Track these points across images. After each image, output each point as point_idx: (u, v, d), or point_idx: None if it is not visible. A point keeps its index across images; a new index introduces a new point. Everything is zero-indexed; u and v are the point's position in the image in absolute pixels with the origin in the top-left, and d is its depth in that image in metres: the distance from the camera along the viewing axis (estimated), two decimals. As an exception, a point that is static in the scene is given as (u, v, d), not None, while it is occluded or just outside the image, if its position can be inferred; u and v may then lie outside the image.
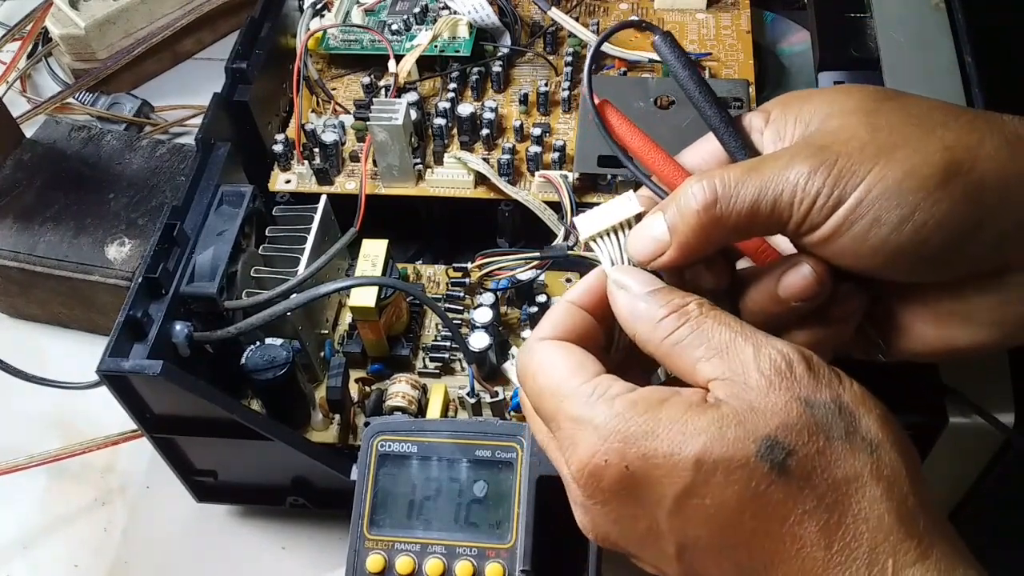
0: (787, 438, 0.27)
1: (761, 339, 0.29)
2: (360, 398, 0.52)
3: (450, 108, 0.58)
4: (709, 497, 0.27)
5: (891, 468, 0.27)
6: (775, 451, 0.27)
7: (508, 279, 0.53)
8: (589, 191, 0.55)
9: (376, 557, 0.43)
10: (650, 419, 0.28)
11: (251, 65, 0.57)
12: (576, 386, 0.30)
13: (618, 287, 0.32)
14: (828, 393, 0.28)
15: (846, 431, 0.27)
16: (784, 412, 0.27)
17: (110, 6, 0.76)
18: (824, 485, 0.27)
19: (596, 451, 0.29)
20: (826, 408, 0.28)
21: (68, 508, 0.59)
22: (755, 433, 0.27)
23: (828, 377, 0.29)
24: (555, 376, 0.31)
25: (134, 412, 0.47)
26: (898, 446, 0.28)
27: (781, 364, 0.28)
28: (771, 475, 0.27)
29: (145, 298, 0.47)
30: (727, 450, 0.27)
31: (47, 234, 0.62)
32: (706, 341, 0.29)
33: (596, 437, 0.29)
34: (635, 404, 0.29)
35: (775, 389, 0.28)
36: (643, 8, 0.65)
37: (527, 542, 0.42)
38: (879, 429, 0.28)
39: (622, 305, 0.32)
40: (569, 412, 0.30)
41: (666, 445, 0.28)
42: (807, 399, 0.28)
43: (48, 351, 0.65)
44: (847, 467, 0.27)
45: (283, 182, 0.58)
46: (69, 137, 0.68)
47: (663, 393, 0.29)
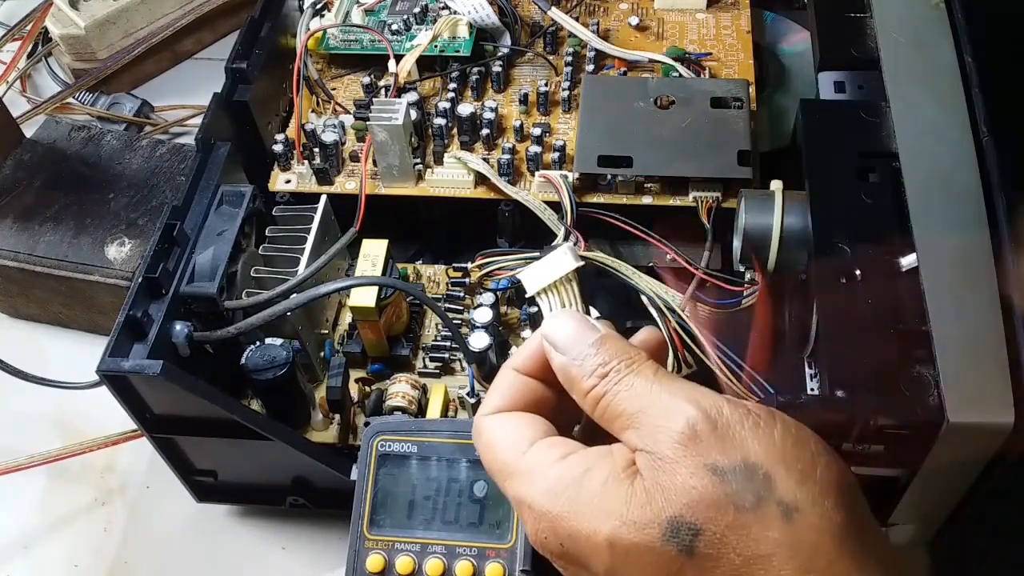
0: (694, 516, 0.26)
1: (666, 400, 0.28)
2: (360, 398, 0.52)
3: (450, 108, 0.58)
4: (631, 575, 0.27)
5: (811, 535, 0.26)
6: (681, 533, 0.26)
7: (508, 279, 0.53)
8: (589, 191, 0.55)
9: (376, 557, 0.43)
10: (572, 496, 0.28)
11: (251, 65, 0.57)
12: (514, 461, 0.30)
13: (550, 348, 0.31)
14: (738, 454, 0.27)
15: (758, 499, 0.26)
16: (691, 487, 0.26)
17: (110, 6, 0.76)
18: (738, 559, 0.26)
19: (536, 529, 0.30)
20: (735, 473, 0.26)
21: (68, 508, 0.59)
22: (660, 515, 0.27)
23: (738, 433, 0.27)
24: (498, 454, 0.31)
25: (134, 412, 0.47)
26: (821, 504, 0.26)
27: (684, 429, 0.27)
28: (680, 557, 0.26)
29: (145, 298, 0.47)
30: (634, 535, 0.27)
31: (47, 234, 0.62)
32: (624, 409, 0.29)
33: (532, 517, 0.29)
34: (560, 478, 0.29)
35: (683, 459, 0.27)
36: (643, 8, 0.65)
37: (527, 542, 0.42)
38: (797, 489, 0.26)
39: (557, 368, 0.31)
40: (512, 493, 0.30)
41: (585, 525, 0.28)
42: (714, 466, 0.27)
43: (48, 351, 0.65)
44: (759, 541, 0.26)
45: (283, 182, 0.58)
46: (69, 137, 0.68)
47: (591, 459, 0.29)
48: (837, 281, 0.43)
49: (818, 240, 0.44)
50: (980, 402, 0.39)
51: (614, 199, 0.55)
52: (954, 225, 0.43)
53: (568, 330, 0.31)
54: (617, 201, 0.55)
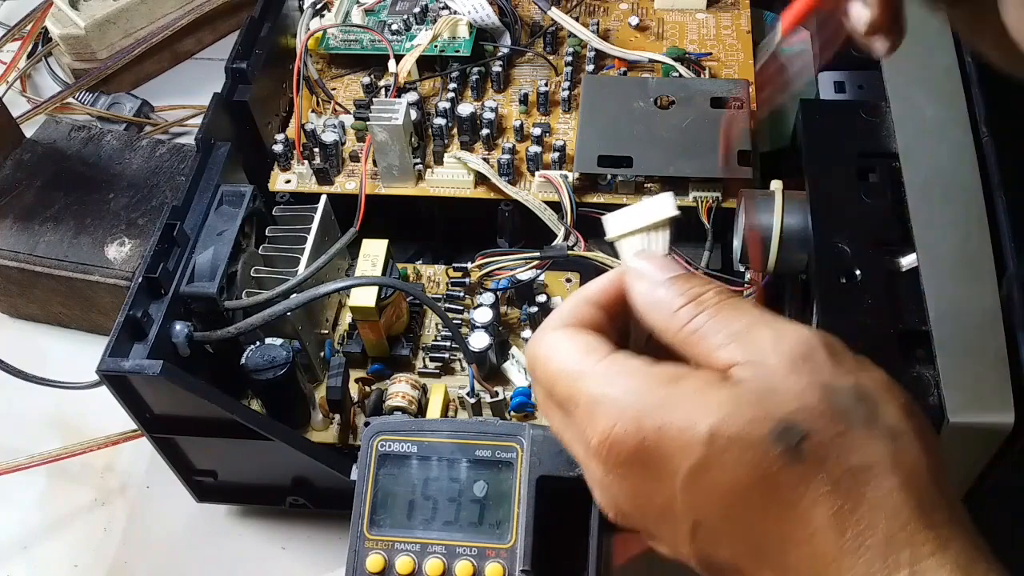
0: (804, 421, 0.26)
1: (782, 325, 0.28)
2: (360, 398, 0.52)
3: (450, 108, 0.58)
4: (721, 473, 0.27)
5: (912, 458, 0.27)
6: (790, 434, 0.26)
7: (508, 279, 0.53)
8: (589, 191, 0.55)
9: (376, 557, 0.43)
10: (669, 391, 0.28)
11: (251, 65, 0.57)
12: (591, 365, 0.29)
13: (637, 275, 0.31)
14: (850, 379, 0.27)
15: (867, 418, 0.27)
16: (803, 396, 0.27)
17: (110, 6, 0.76)
18: (839, 471, 0.26)
19: (614, 423, 0.28)
20: (847, 394, 0.27)
21: (68, 508, 0.59)
22: (772, 413, 0.27)
23: (851, 364, 0.28)
24: (568, 359, 0.30)
25: (134, 412, 0.47)
26: (921, 437, 0.27)
27: (803, 349, 0.28)
28: (784, 457, 0.26)
29: (145, 298, 0.47)
30: (741, 428, 0.27)
31: (47, 234, 0.62)
32: (724, 328, 0.29)
33: (615, 409, 0.28)
34: (654, 376, 0.28)
35: (796, 373, 0.27)
36: (643, 8, 0.65)
37: (527, 542, 0.42)
38: (902, 418, 0.27)
39: (639, 294, 0.31)
40: (586, 391, 0.29)
41: (681, 418, 0.27)
42: (828, 384, 0.27)
43: (48, 351, 0.65)
44: (865, 454, 0.26)
45: (283, 182, 0.58)
46: (69, 137, 0.68)
47: (683, 369, 0.28)
48: (837, 281, 0.43)
49: (818, 240, 0.44)
50: (980, 402, 0.39)
51: (614, 199, 0.55)
52: (954, 225, 0.43)
53: (655, 262, 0.31)
54: (617, 201, 0.55)
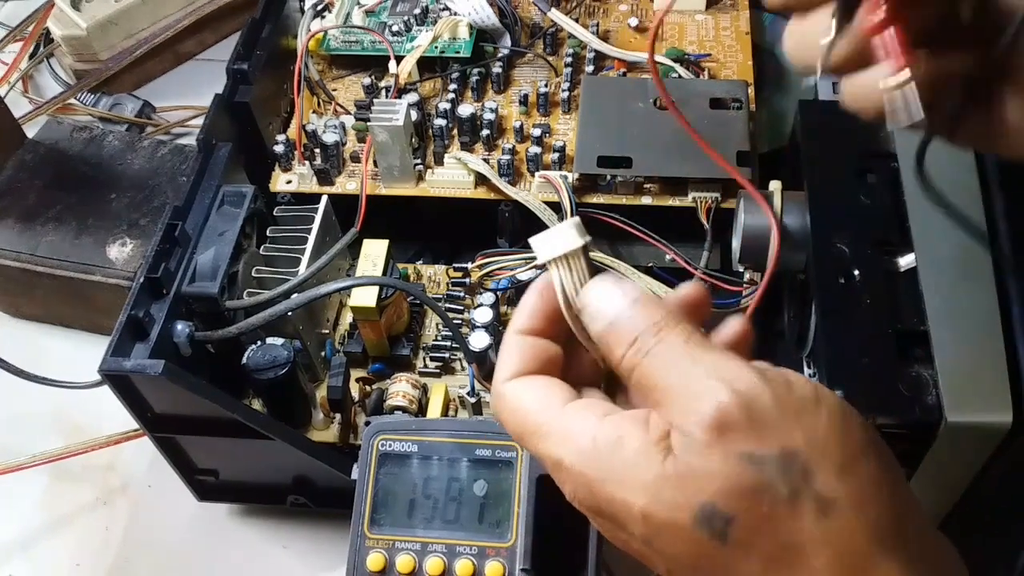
0: (726, 505, 0.26)
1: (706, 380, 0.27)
2: (361, 397, 0.52)
3: (450, 109, 0.58)
4: (665, 548, 0.27)
5: (846, 530, 0.25)
6: (713, 520, 0.26)
7: (508, 279, 0.53)
8: (589, 191, 0.55)
9: (377, 556, 0.43)
10: (606, 462, 0.28)
11: (252, 66, 0.57)
12: (548, 421, 0.29)
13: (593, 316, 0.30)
14: (775, 446, 0.26)
15: (792, 491, 0.25)
16: (724, 474, 0.26)
17: (112, 7, 0.77)
18: (770, 547, 0.26)
19: (573, 489, 0.29)
20: (770, 465, 0.26)
21: (70, 507, 0.59)
22: (692, 500, 0.26)
23: (777, 421, 0.26)
24: (529, 416, 0.30)
25: (136, 412, 0.47)
26: (860, 497, 0.26)
27: (717, 415, 0.26)
28: (712, 542, 0.26)
29: (147, 298, 0.47)
30: (666, 514, 0.26)
31: (49, 234, 0.63)
32: (656, 382, 0.28)
33: (568, 478, 0.29)
34: (595, 441, 0.28)
35: (716, 444, 0.26)
36: (643, 9, 0.66)
37: (527, 541, 0.42)
38: (837, 483, 0.26)
39: (597, 337, 0.30)
40: (547, 453, 0.29)
41: (620, 496, 0.27)
42: (751, 455, 0.26)
43: (50, 351, 0.66)
44: (793, 532, 0.25)
45: (284, 182, 0.58)
46: (71, 138, 0.69)
47: (625, 426, 0.28)
48: (836, 281, 0.43)
49: (817, 240, 0.44)
50: (978, 402, 0.39)
51: (614, 199, 0.55)
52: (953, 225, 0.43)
53: (606, 295, 0.30)
54: (617, 201, 0.55)
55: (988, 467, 0.41)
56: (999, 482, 0.42)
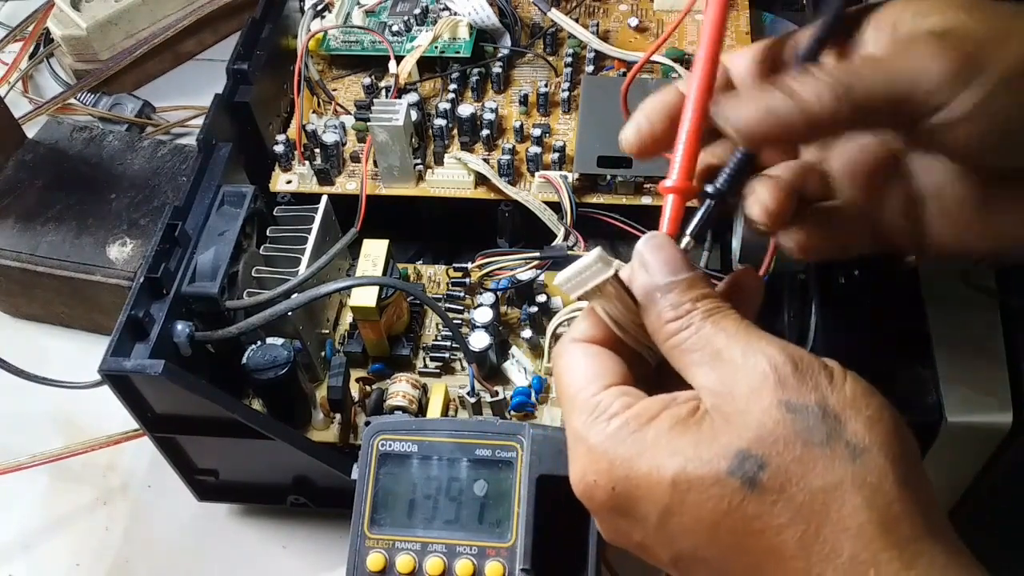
0: (761, 450, 0.27)
1: (754, 343, 0.29)
2: (361, 397, 0.52)
3: (450, 109, 0.58)
4: (688, 515, 0.28)
5: (875, 474, 0.27)
6: (746, 465, 0.27)
7: (508, 279, 0.53)
8: (589, 191, 0.55)
9: (377, 556, 0.43)
10: (637, 439, 0.29)
11: (252, 66, 0.57)
12: (584, 399, 0.31)
13: (640, 266, 0.31)
14: (813, 396, 0.28)
15: (828, 436, 0.27)
16: (761, 421, 0.27)
17: (112, 7, 0.77)
18: (800, 495, 0.26)
19: (586, 471, 0.30)
20: (808, 412, 0.27)
21: (70, 507, 0.59)
22: (728, 448, 0.27)
23: (816, 379, 0.28)
24: (571, 385, 0.31)
25: (136, 411, 0.47)
26: (887, 449, 0.27)
27: (766, 368, 0.28)
28: (743, 490, 0.27)
29: (147, 298, 0.47)
30: (700, 469, 0.27)
31: (49, 234, 0.63)
32: (702, 347, 0.29)
33: (587, 457, 0.30)
34: (627, 424, 0.29)
35: (757, 395, 0.28)
36: (643, 9, 0.66)
37: (527, 541, 0.42)
38: (866, 432, 0.27)
39: (639, 287, 0.31)
40: (572, 426, 0.31)
41: (647, 466, 0.28)
42: (788, 403, 0.27)
43: (50, 351, 0.66)
44: (825, 475, 0.27)
45: (284, 182, 0.58)
46: (71, 138, 0.69)
47: (656, 407, 0.29)
48: (836, 281, 0.43)
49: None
50: (978, 402, 0.39)
51: (614, 199, 0.55)
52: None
53: (662, 255, 0.31)
54: (617, 201, 0.55)
55: (988, 467, 0.41)
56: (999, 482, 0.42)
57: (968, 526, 0.45)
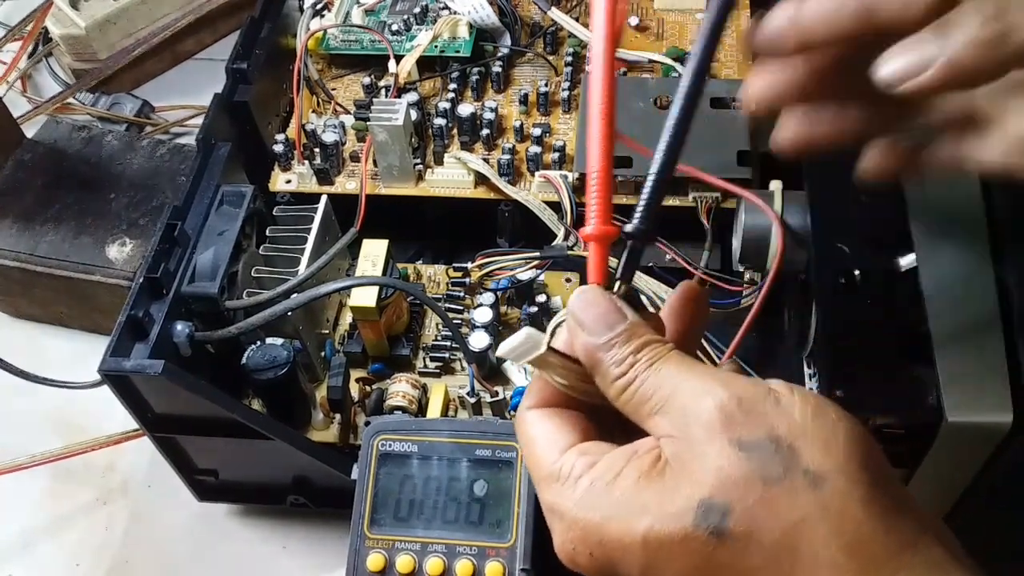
0: (723, 496, 0.26)
1: (698, 384, 0.28)
2: (360, 397, 0.52)
3: (450, 108, 0.58)
4: (666, 570, 0.27)
5: (838, 499, 0.26)
6: (711, 516, 0.26)
7: (508, 279, 0.53)
8: (589, 191, 0.55)
9: (377, 556, 0.43)
10: (604, 501, 0.28)
11: (251, 65, 0.57)
12: (547, 468, 0.30)
13: (577, 326, 0.31)
14: (763, 429, 0.27)
15: (785, 469, 0.26)
16: (718, 465, 0.27)
17: (110, 6, 0.76)
18: (769, 536, 0.26)
19: (564, 540, 0.29)
20: (761, 448, 0.27)
21: (69, 507, 0.59)
22: (691, 500, 0.27)
23: (763, 409, 0.27)
24: (532, 456, 0.31)
25: (135, 412, 0.47)
26: (847, 469, 0.27)
27: (712, 408, 0.27)
28: (712, 541, 0.26)
29: (146, 298, 0.47)
30: (668, 526, 0.27)
31: (48, 234, 0.62)
32: (651, 396, 0.29)
33: (562, 527, 0.29)
34: (592, 485, 0.29)
35: (709, 438, 0.27)
36: (643, 8, 0.66)
37: (527, 541, 0.42)
38: (823, 457, 0.27)
39: (580, 349, 0.31)
40: (542, 497, 0.31)
41: (617, 530, 0.28)
42: (740, 441, 0.27)
43: (49, 351, 0.66)
44: (790, 511, 0.26)
45: (284, 182, 0.58)
46: (70, 137, 0.69)
47: (619, 462, 0.29)
48: (836, 281, 0.43)
49: (817, 240, 0.44)
50: (978, 402, 0.39)
51: (614, 199, 0.55)
52: (954, 224, 0.43)
53: (596, 311, 0.31)
54: (617, 201, 0.54)
55: (988, 467, 0.41)
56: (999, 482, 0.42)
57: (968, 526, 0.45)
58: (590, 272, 0.32)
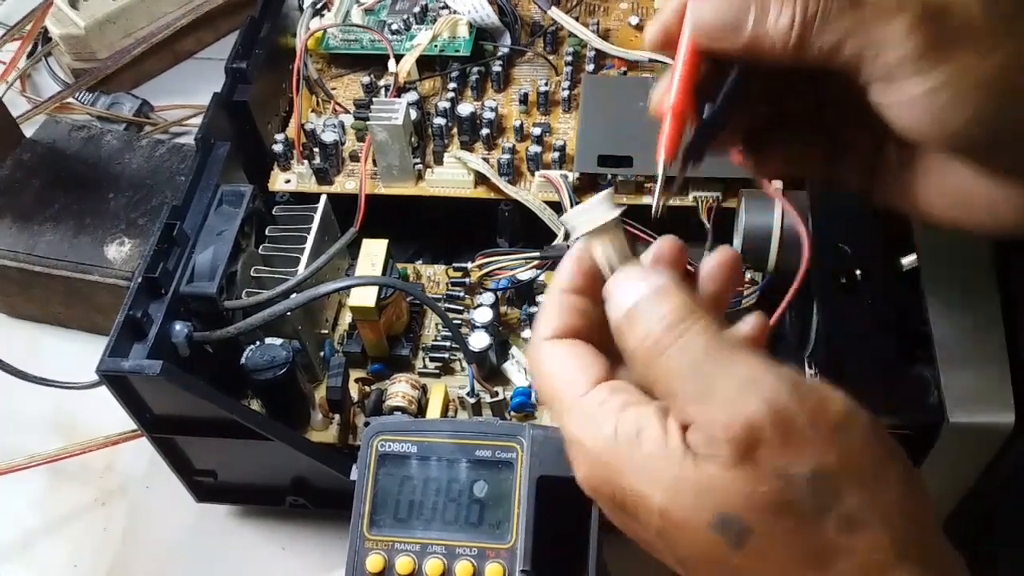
0: (748, 517, 0.26)
1: (736, 388, 0.26)
2: (360, 398, 0.52)
3: (450, 108, 0.58)
4: (680, 540, 0.27)
5: (871, 543, 0.25)
6: (731, 527, 0.26)
7: (508, 279, 0.53)
8: (589, 191, 0.55)
9: (376, 557, 0.43)
10: (626, 455, 0.28)
11: (251, 65, 0.57)
12: (573, 400, 0.29)
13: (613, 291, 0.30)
14: (807, 465, 0.25)
15: (821, 510, 0.25)
16: (749, 491, 0.25)
17: (110, 5, 0.76)
18: (787, 557, 0.26)
19: (587, 475, 0.29)
20: (800, 484, 0.25)
21: (68, 508, 0.59)
22: (713, 506, 0.26)
23: (812, 438, 0.25)
24: (557, 384, 0.30)
25: (134, 412, 0.47)
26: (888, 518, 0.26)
27: (754, 427, 0.25)
28: (728, 548, 0.26)
29: (145, 298, 0.47)
30: (684, 515, 0.26)
31: (47, 234, 0.62)
32: (676, 380, 0.27)
33: (586, 462, 0.29)
34: (616, 434, 0.28)
35: (745, 460, 0.25)
36: (643, 8, 0.65)
37: (527, 542, 0.42)
38: (867, 504, 0.25)
39: (613, 318, 0.29)
40: (568, 429, 0.30)
41: (638, 486, 0.27)
42: (781, 472, 0.25)
43: (48, 351, 0.65)
44: (813, 545, 0.25)
45: (283, 182, 0.58)
46: (69, 137, 0.68)
47: (644, 420, 0.28)
48: (837, 281, 0.43)
49: (819, 240, 0.44)
50: (980, 402, 0.39)
51: (614, 199, 0.55)
52: (954, 224, 0.43)
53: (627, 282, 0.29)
54: (617, 201, 0.54)
55: (991, 468, 0.41)
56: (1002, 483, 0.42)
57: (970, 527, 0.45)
58: (661, 146, 0.31)
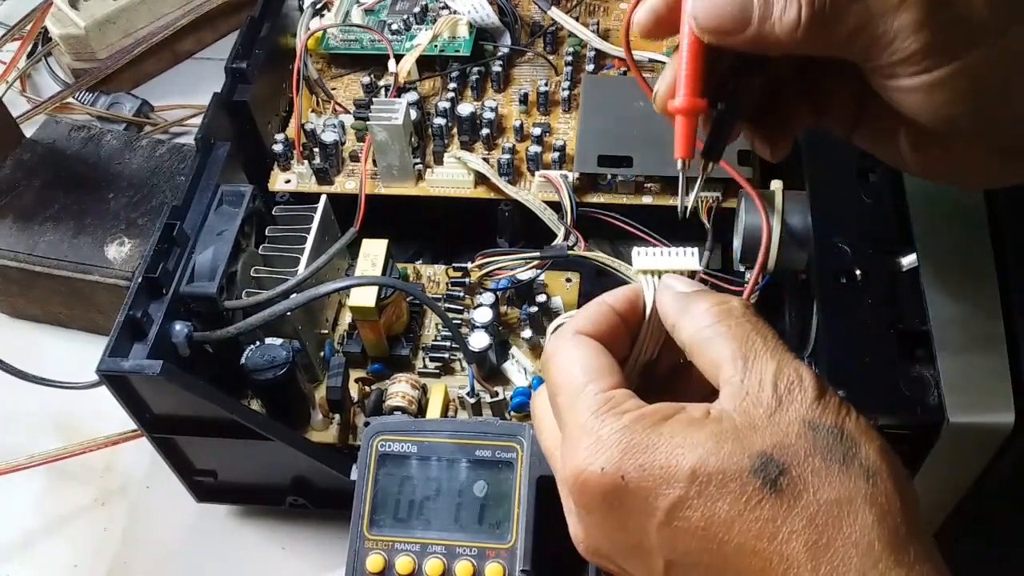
0: (783, 457, 0.28)
1: (786, 358, 0.30)
2: (360, 398, 0.52)
3: (450, 108, 0.58)
4: (700, 509, 0.28)
5: (886, 496, 0.28)
6: (768, 467, 0.27)
7: (508, 279, 0.53)
8: (589, 191, 0.55)
9: (376, 557, 0.43)
10: (652, 433, 0.29)
11: (251, 65, 0.57)
12: (593, 392, 0.30)
13: (669, 284, 0.33)
14: (833, 419, 0.29)
15: (844, 456, 0.28)
16: (785, 431, 0.28)
17: (110, 6, 0.76)
18: (815, 506, 0.27)
19: (594, 459, 0.29)
20: (828, 432, 0.28)
21: (68, 508, 0.59)
22: (751, 448, 0.28)
23: (836, 405, 0.29)
24: (577, 375, 0.31)
25: (134, 412, 0.47)
26: (895, 477, 0.28)
27: (795, 384, 0.29)
28: (762, 491, 0.27)
29: (145, 298, 0.47)
30: (722, 463, 0.28)
31: (47, 234, 0.62)
32: (737, 343, 0.30)
33: (596, 446, 0.29)
34: (641, 419, 0.29)
35: (782, 408, 0.29)
36: (643, 8, 0.65)
37: (527, 542, 0.42)
38: (878, 458, 0.28)
39: (669, 300, 0.32)
40: (578, 418, 0.30)
41: (663, 458, 0.28)
42: (811, 421, 0.28)
43: (48, 351, 0.65)
44: (842, 489, 0.27)
45: (283, 182, 0.58)
46: (69, 137, 0.68)
47: (670, 409, 0.30)
48: (837, 281, 0.43)
49: (818, 240, 0.44)
50: (980, 402, 0.39)
51: (614, 199, 0.55)
52: (954, 224, 0.43)
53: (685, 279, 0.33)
54: (617, 201, 0.55)
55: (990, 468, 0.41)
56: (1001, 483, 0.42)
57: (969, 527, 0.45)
58: (677, 146, 0.32)
